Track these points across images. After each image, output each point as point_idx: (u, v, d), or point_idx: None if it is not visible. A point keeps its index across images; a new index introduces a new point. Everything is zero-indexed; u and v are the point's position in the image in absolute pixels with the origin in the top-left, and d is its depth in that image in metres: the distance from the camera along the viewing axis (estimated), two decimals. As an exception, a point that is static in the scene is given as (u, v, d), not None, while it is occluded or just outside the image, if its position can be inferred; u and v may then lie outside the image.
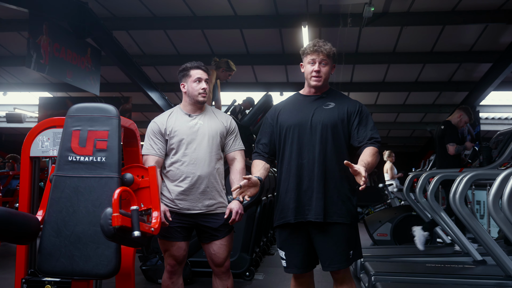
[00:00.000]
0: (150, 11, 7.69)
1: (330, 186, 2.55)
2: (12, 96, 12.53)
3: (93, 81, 7.47)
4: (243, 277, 5.06)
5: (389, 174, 10.63)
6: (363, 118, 2.63)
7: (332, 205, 2.54)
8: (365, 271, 4.48)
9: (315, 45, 2.62)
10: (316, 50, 2.60)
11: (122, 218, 1.93)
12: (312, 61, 2.63)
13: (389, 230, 6.81)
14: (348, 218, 2.57)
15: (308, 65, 2.65)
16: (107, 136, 2.32)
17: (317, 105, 2.66)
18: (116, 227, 1.91)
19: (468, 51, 8.90)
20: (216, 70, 5.36)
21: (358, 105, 2.68)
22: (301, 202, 2.56)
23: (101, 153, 2.30)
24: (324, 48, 2.61)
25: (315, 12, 7.40)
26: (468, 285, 3.95)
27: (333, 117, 2.60)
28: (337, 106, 2.64)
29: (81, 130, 2.34)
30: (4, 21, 8.07)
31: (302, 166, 2.58)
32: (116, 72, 8.96)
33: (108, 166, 2.28)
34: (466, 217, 3.90)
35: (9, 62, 9.99)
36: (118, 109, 9.04)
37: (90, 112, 2.39)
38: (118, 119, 2.38)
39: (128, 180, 2.35)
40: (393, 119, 14.47)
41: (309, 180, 2.55)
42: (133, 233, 1.98)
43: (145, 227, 2.19)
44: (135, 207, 2.03)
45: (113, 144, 2.31)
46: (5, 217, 2.01)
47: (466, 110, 5.67)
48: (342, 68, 9.41)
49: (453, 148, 5.38)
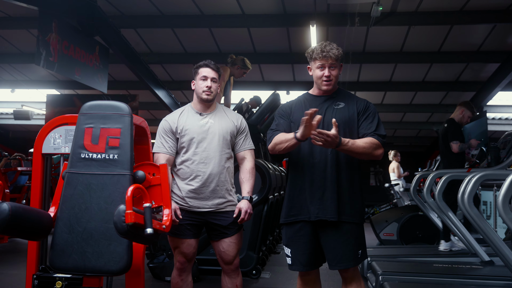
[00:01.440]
0: (158, 9, 7.70)
1: (342, 185, 2.57)
2: (20, 93, 12.58)
3: (101, 79, 7.49)
4: (250, 275, 5.08)
5: (396, 173, 10.62)
6: (369, 115, 2.65)
7: (344, 204, 2.56)
8: (372, 271, 4.48)
9: (323, 51, 2.61)
10: (324, 56, 2.61)
11: (135, 215, 1.95)
12: (322, 66, 2.63)
13: (395, 230, 6.80)
14: (358, 218, 2.59)
15: (317, 70, 2.65)
16: (120, 133, 2.33)
17: (328, 105, 2.67)
18: (130, 224, 1.93)
19: (475, 51, 8.86)
20: (231, 67, 5.36)
21: (366, 103, 2.70)
22: (313, 201, 2.57)
23: (113, 150, 2.32)
24: (333, 52, 2.61)
25: (322, 11, 7.39)
26: (475, 285, 3.94)
27: (344, 116, 2.62)
28: (347, 106, 2.66)
29: (93, 128, 2.36)
30: (12, 19, 8.12)
31: (314, 166, 2.59)
32: (123, 70, 8.98)
33: (120, 164, 2.30)
34: (475, 217, 3.89)
35: (17, 59, 10.04)
36: (125, 107, 8.86)
37: (103, 110, 2.40)
38: (131, 117, 2.40)
39: (140, 178, 2.36)
40: (400, 119, 14.43)
41: (321, 179, 2.57)
42: (145, 230, 1.99)
43: (157, 224, 2.20)
44: (148, 204, 2.04)
45: (126, 141, 2.33)
46: (18, 214, 2.02)
47: (467, 105, 5.64)
48: (349, 67, 9.40)
49: (457, 146, 5.36)
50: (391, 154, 10.79)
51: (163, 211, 2.40)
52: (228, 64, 5.42)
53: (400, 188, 10.09)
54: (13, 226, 2.02)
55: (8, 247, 6.90)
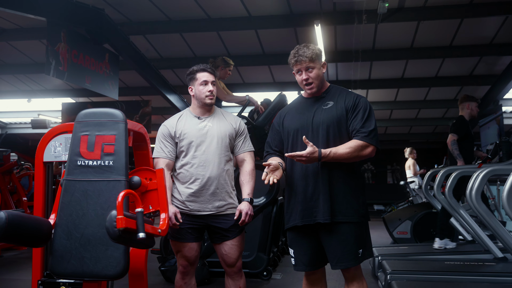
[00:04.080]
0: (166, 15, 7.77)
1: (336, 186, 2.56)
2: (36, 102, 12.82)
3: (112, 86, 7.59)
4: (261, 277, 5.08)
5: (411, 171, 10.50)
6: (359, 111, 2.60)
7: (338, 205, 2.55)
8: (382, 270, 4.45)
9: (295, 55, 2.63)
10: (297, 60, 2.62)
11: (127, 220, 1.97)
12: (299, 71, 2.65)
13: (409, 228, 6.74)
14: (355, 217, 2.57)
15: (297, 75, 2.68)
16: (114, 140, 2.37)
17: (317, 106, 2.68)
18: (121, 229, 1.95)
19: (488, 44, 8.71)
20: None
21: (355, 98, 2.65)
22: (308, 204, 2.58)
23: (108, 157, 2.35)
24: (305, 55, 2.60)
25: (329, 10, 7.36)
26: (488, 282, 3.88)
27: (331, 116, 2.61)
28: (335, 104, 2.64)
29: (89, 135, 2.40)
30: (24, 30, 8.27)
31: (307, 169, 2.59)
32: (135, 76, 9.08)
33: (115, 170, 2.33)
34: (483, 213, 3.83)
35: (32, 69, 10.22)
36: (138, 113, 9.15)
37: (98, 117, 2.44)
38: (125, 123, 2.43)
39: (136, 183, 2.39)
40: (415, 116, 14.27)
41: (315, 182, 2.57)
42: (138, 234, 2.02)
43: (151, 228, 2.22)
44: (140, 209, 2.07)
45: (120, 148, 2.36)
46: (16, 221, 2.07)
47: (467, 98, 5.59)
48: (360, 65, 9.33)
49: (451, 139, 5.31)
50: (407, 151, 10.67)
51: (160, 216, 2.43)
52: None
53: (415, 185, 9.98)
54: (11, 234, 2.07)
55: (23, 255, 7.01)
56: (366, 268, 5.66)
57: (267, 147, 2.83)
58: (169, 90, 9.53)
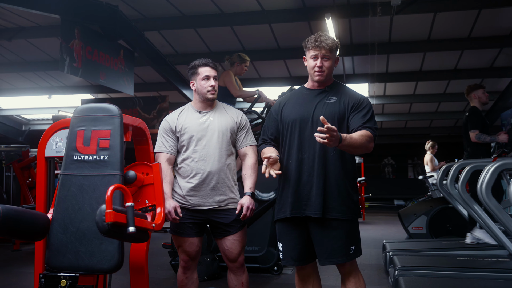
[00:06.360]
0: (179, 11, 7.79)
1: (330, 181, 2.52)
2: (56, 99, 13.06)
3: (127, 82, 7.66)
4: (271, 272, 5.08)
5: (429, 166, 10.32)
6: (363, 109, 2.57)
7: (332, 201, 2.51)
8: (392, 265, 4.39)
9: (317, 40, 2.58)
10: (317, 45, 2.57)
11: (116, 214, 1.98)
12: (315, 57, 2.60)
13: (424, 223, 6.63)
14: (348, 215, 2.54)
15: (311, 60, 2.63)
16: (110, 135, 2.38)
17: (319, 99, 2.63)
18: (110, 223, 1.96)
19: (508, 34, 8.48)
20: (231, 68, 5.32)
21: (360, 98, 2.62)
22: (299, 197, 2.55)
23: (104, 151, 2.37)
24: (326, 43, 2.56)
25: (342, 3, 7.27)
26: (499, 279, 3.79)
27: (334, 111, 2.57)
28: (339, 100, 2.60)
29: (85, 130, 2.42)
30: (42, 27, 8.42)
31: (303, 161, 2.56)
32: (152, 72, 9.15)
33: (110, 164, 2.35)
34: (494, 208, 3.74)
35: (52, 66, 10.37)
36: (156, 108, 9.24)
37: (94, 112, 2.46)
38: (120, 118, 2.44)
39: (131, 178, 2.41)
40: (435, 109, 14.00)
41: (309, 175, 2.54)
42: (128, 228, 2.03)
43: (146, 223, 2.23)
44: (130, 203, 2.08)
45: (115, 142, 2.37)
46: (10, 215, 2.10)
47: (471, 88, 5.47)
48: (376, 58, 9.20)
49: (474, 135, 5.18)
50: (428, 144, 10.47)
51: (156, 210, 2.44)
52: (227, 67, 5.39)
53: (434, 180, 9.81)
54: (5, 228, 2.10)
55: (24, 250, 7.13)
56: (379, 263, 5.61)
57: (263, 134, 2.81)
58: (185, 86, 9.58)
